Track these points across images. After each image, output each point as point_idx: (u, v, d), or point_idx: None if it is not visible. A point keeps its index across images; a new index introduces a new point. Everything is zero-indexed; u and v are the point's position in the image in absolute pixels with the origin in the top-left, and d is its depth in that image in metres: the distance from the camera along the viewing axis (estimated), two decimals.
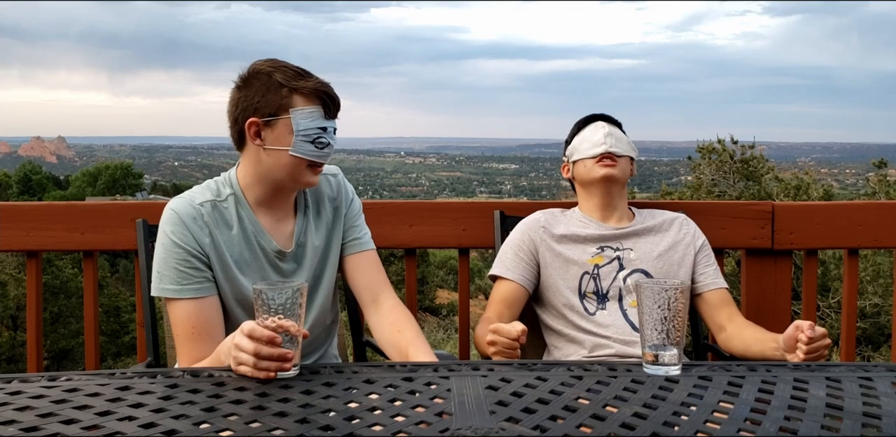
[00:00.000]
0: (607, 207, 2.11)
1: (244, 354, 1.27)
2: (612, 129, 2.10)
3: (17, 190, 49.42)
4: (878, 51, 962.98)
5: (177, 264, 1.60)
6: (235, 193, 1.69)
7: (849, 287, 2.51)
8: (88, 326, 2.49)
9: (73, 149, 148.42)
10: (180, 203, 1.65)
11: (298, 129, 1.60)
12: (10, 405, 1.14)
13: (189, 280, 1.61)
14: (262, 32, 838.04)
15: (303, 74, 1.62)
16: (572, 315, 2.01)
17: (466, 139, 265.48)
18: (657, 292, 1.31)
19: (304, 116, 1.60)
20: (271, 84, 1.60)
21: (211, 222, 1.64)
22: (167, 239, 1.61)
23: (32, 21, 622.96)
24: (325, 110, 1.63)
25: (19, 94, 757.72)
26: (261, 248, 1.69)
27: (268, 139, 1.62)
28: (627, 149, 2.09)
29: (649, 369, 1.34)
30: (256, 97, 1.61)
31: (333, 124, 1.66)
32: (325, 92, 1.62)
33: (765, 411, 1.14)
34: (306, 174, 1.65)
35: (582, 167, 2.10)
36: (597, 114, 2.18)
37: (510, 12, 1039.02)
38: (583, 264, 2.05)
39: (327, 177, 1.81)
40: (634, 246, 2.07)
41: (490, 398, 1.18)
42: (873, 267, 9.13)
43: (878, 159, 12.02)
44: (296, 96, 1.60)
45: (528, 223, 2.13)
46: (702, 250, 2.11)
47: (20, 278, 15.78)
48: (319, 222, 1.77)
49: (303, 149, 1.61)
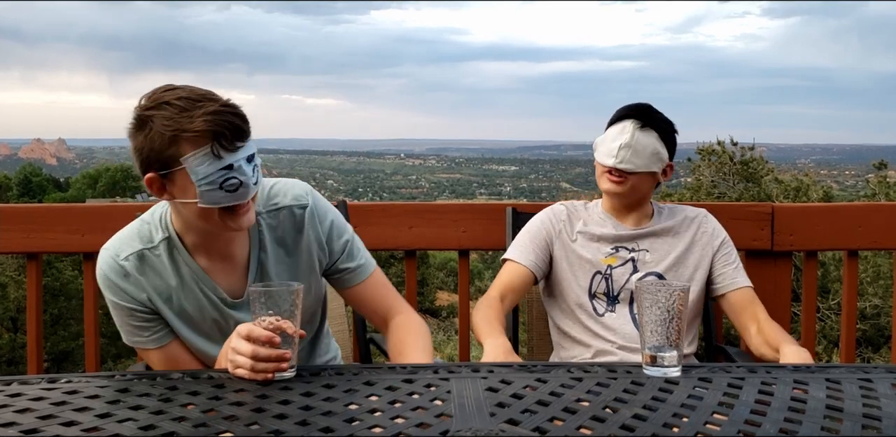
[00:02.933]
0: (622, 210, 2.05)
1: (241, 357, 1.26)
2: (640, 135, 1.93)
3: (18, 192, 49.41)
4: (877, 52, 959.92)
5: (128, 320, 1.52)
6: (170, 237, 1.51)
7: (849, 289, 2.51)
8: (88, 328, 2.49)
9: (73, 151, 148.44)
10: (106, 260, 1.50)
11: (198, 178, 1.36)
12: (10, 407, 1.14)
13: (148, 332, 1.53)
14: (262, 34, 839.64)
15: (187, 107, 1.34)
16: (581, 313, 1.99)
17: (466, 141, 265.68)
18: (657, 293, 1.31)
19: (197, 161, 1.35)
20: (154, 134, 1.35)
21: (140, 277, 1.50)
22: (108, 298, 1.52)
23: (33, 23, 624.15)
24: (223, 144, 1.35)
25: (20, 96, 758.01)
26: (205, 295, 1.53)
27: (174, 192, 1.41)
28: (646, 163, 1.94)
29: (649, 370, 1.34)
30: (145, 150, 1.37)
31: (242, 154, 1.38)
32: (216, 125, 1.34)
33: (765, 412, 1.14)
34: (227, 221, 1.42)
35: (597, 168, 2.02)
36: (635, 108, 1.99)
37: (510, 14, 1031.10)
38: (596, 263, 2.01)
39: (291, 210, 1.57)
40: (651, 247, 2.02)
41: (490, 399, 1.18)
42: (873, 269, 9.13)
43: (877, 161, 12.01)
44: (182, 142, 1.34)
45: (549, 214, 2.08)
46: (720, 249, 2.04)
47: (20, 280, 15.77)
48: (280, 261, 1.57)
49: (212, 198, 1.38)
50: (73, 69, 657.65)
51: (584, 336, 1.98)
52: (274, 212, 1.57)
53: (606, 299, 1.99)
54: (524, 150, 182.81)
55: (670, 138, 2.00)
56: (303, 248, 1.59)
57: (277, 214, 1.57)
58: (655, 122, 1.97)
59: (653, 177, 1.99)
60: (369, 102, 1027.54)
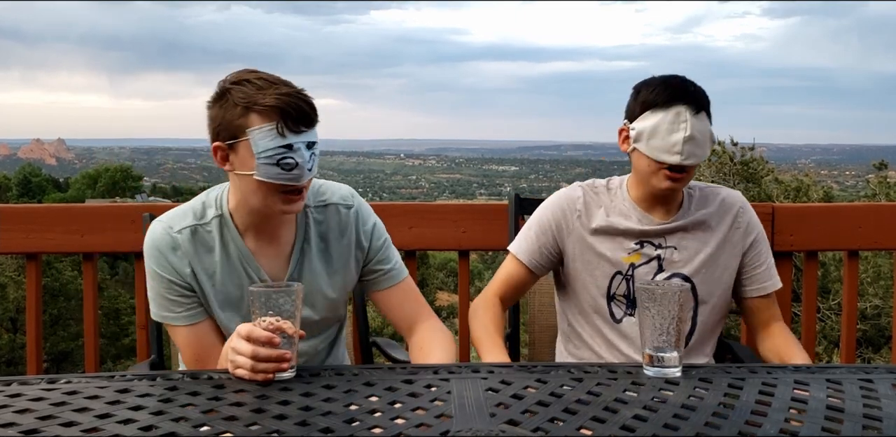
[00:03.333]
0: (657, 201, 1.80)
1: (241, 357, 1.27)
2: (696, 122, 1.68)
3: (17, 192, 49.43)
4: (877, 52, 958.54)
5: (165, 293, 1.56)
6: (222, 215, 1.57)
7: (849, 289, 2.51)
8: (88, 328, 2.49)
9: (72, 151, 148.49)
10: (159, 230, 1.55)
11: (258, 150, 1.44)
12: (9, 407, 1.14)
13: (181, 308, 1.56)
14: (262, 34, 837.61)
15: (263, 86, 1.44)
16: (596, 318, 1.83)
17: (466, 141, 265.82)
18: (658, 294, 1.31)
19: (261, 135, 1.43)
20: (229, 103, 1.45)
21: (189, 250, 1.55)
22: (150, 268, 1.55)
23: (33, 23, 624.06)
24: (288, 124, 1.44)
25: (19, 96, 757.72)
26: (248, 276, 1.58)
27: (235, 164, 1.49)
28: (705, 152, 1.71)
29: (649, 371, 1.33)
30: (218, 119, 1.48)
31: (304, 139, 1.46)
32: (285, 104, 1.43)
33: (765, 413, 1.14)
34: (278, 202, 1.49)
35: (643, 161, 1.74)
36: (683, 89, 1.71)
37: (510, 14, 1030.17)
38: (616, 262, 1.80)
39: (338, 208, 1.65)
40: (679, 244, 1.80)
41: (490, 400, 1.18)
42: (874, 269, 9.13)
43: (878, 161, 12.01)
44: (252, 115, 1.43)
45: (563, 203, 1.85)
46: (752, 248, 1.84)
47: (20, 280, 15.77)
48: (321, 257, 1.63)
49: (267, 172, 1.45)
50: (72, 69, 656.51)
51: (597, 342, 1.84)
52: (321, 208, 1.65)
53: (626, 302, 1.81)
54: (524, 150, 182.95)
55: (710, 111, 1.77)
56: (343, 244, 1.65)
57: (325, 210, 1.65)
58: (706, 103, 1.73)
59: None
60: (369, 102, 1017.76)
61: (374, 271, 1.70)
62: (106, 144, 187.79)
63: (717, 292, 1.82)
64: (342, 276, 1.67)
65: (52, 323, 16.88)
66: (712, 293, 1.81)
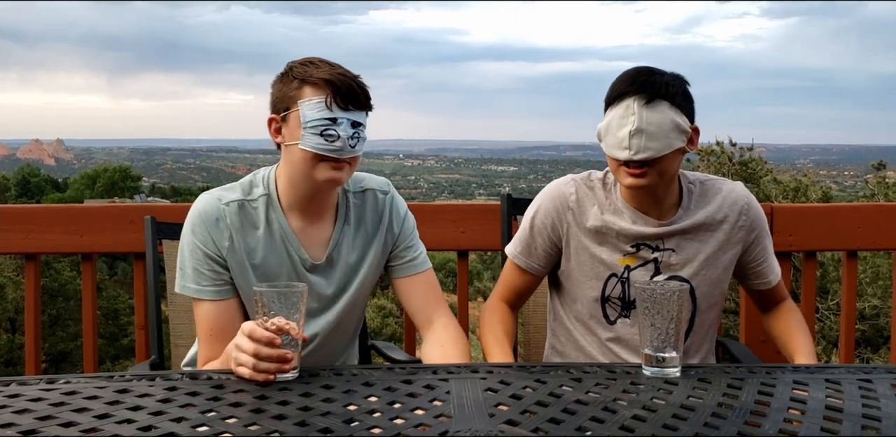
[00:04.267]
0: (647, 200, 1.72)
1: (244, 355, 1.27)
2: (648, 114, 1.59)
3: (16, 193, 49.39)
4: (877, 53, 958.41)
5: (196, 265, 1.58)
6: (269, 194, 1.63)
7: (848, 289, 2.52)
8: (87, 328, 2.49)
9: (71, 151, 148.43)
10: (208, 201, 1.61)
11: (305, 120, 1.53)
12: (8, 407, 1.13)
13: (208, 282, 1.59)
14: (261, 35, 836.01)
15: (321, 66, 1.56)
16: (589, 319, 1.79)
17: (465, 141, 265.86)
18: (656, 294, 1.31)
19: (310, 106, 1.53)
20: (288, 78, 1.57)
21: (235, 223, 1.59)
22: (189, 237, 1.59)
23: (32, 23, 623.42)
24: (336, 99, 1.53)
25: (18, 96, 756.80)
26: (287, 254, 1.63)
27: (286, 135, 1.58)
28: (666, 143, 1.60)
29: (648, 371, 1.33)
30: (276, 93, 1.58)
31: (349, 116, 1.54)
32: (337, 80, 1.53)
33: (764, 413, 1.14)
34: (320, 170, 1.55)
35: (609, 159, 1.68)
36: (632, 80, 1.62)
37: (510, 14, 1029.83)
38: (612, 264, 1.74)
39: (375, 193, 1.73)
40: (678, 246, 1.73)
41: (489, 400, 1.18)
42: (872, 269, 9.14)
43: (876, 161, 12.03)
44: (305, 87, 1.54)
45: (556, 201, 1.78)
46: (755, 244, 1.78)
47: (18, 280, 15.76)
48: (357, 237, 1.70)
49: (311, 142, 1.53)
50: (71, 70, 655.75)
51: (588, 341, 1.81)
52: (360, 193, 1.73)
53: (621, 304, 1.76)
54: (523, 150, 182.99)
55: (685, 99, 1.66)
56: (378, 229, 1.72)
57: (363, 195, 1.73)
58: (663, 90, 1.61)
59: (678, 152, 1.65)
60: None
61: (399, 257, 1.74)
62: (105, 144, 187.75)
63: (716, 292, 1.80)
64: (374, 261, 1.72)
65: (50, 323, 16.87)
66: (711, 293, 1.79)
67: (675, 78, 1.65)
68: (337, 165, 1.56)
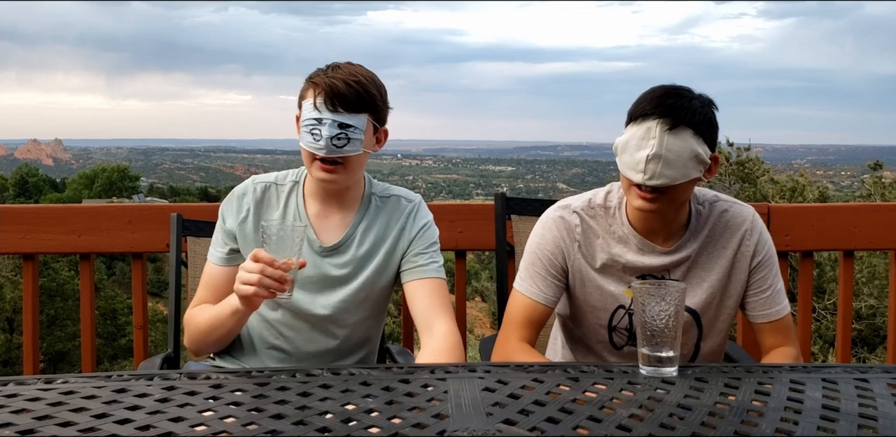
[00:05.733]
0: (652, 224, 1.67)
1: (250, 274, 1.44)
2: (670, 140, 1.52)
3: (14, 193, 49.33)
4: (873, 54, 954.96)
5: (217, 232, 1.79)
6: (298, 181, 1.78)
7: (844, 289, 2.52)
8: (85, 328, 2.49)
9: (69, 151, 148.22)
10: (248, 180, 1.79)
11: (302, 119, 1.65)
12: (6, 407, 1.13)
13: (219, 249, 1.77)
14: (259, 35, 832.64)
15: (334, 68, 1.66)
16: (596, 344, 1.77)
17: (463, 142, 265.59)
18: (655, 293, 1.31)
19: (306, 106, 1.65)
20: (307, 78, 1.68)
21: (259, 200, 1.75)
22: (220, 210, 1.78)
23: (30, 24, 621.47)
24: (324, 100, 1.62)
25: (16, 96, 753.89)
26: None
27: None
28: (683, 173, 1.54)
29: (646, 370, 1.34)
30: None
31: (336, 117, 1.62)
32: (331, 84, 1.62)
33: (761, 412, 1.15)
34: (314, 169, 1.67)
35: (622, 176, 1.63)
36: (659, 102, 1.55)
37: (507, 15, 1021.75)
38: (619, 296, 1.70)
39: (400, 199, 1.81)
40: (684, 276, 1.69)
41: (487, 399, 1.18)
42: (869, 269, 9.15)
43: (873, 161, 12.05)
44: (309, 88, 1.66)
45: (562, 230, 1.72)
46: (756, 271, 1.70)
47: (16, 280, 15.75)
48: (370, 234, 1.77)
49: (304, 139, 1.65)
50: (70, 70, 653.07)
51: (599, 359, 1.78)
52: (385, 197, 1.82)
53: (627, 334, 1.73)
54: (521, 150, 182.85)
55: (710, 126, 1.58)
56: (393, 229, 1.79)
57: (388, 199, 1.82)
58: (688, 118, 1.54)
59: (693, 181, 1.60)
60: None
61: (410, 262, 1.79)
62: (103, 144, 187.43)
63: (721, 318, 1.74)
64: (385, 263, 1.79)
65: (48, 323, 16.85)
66: (717, 320, 1.74)
67: (703, 104, 1.58)
68: (326, 167, 1.66)
